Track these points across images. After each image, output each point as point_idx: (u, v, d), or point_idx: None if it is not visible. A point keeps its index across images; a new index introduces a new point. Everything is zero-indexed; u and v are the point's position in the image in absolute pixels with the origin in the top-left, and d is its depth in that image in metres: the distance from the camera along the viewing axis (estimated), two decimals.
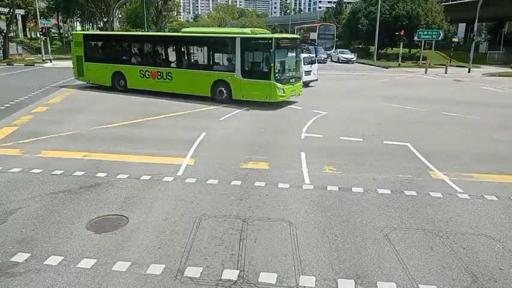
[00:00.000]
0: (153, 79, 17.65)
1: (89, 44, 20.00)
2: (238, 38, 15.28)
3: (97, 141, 10.52)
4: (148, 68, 17.84)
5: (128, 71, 18.49)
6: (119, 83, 18.87)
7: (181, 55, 17.50)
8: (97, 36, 22.07)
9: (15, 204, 6.71)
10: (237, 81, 15.57)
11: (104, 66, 19.15)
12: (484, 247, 5.58)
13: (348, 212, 6.60)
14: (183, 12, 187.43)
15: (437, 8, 46.02)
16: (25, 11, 50.93)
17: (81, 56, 19.80)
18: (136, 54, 18.98)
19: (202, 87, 16.38)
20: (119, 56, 19.16)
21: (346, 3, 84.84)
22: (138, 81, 18.13)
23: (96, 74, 19.53)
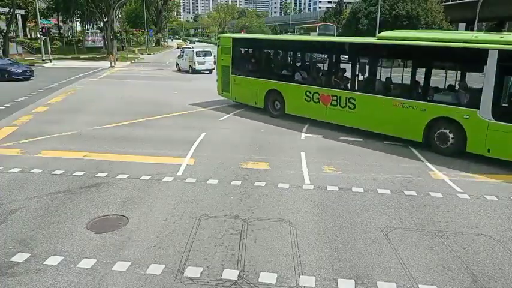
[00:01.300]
0: (324, 105, 12.23)
1: (238, 51, 15.16)
2: (495, 50, 8.81)
3: (97, 141, 10.52)
4: (318, 89, 12.38)
5: (287, 90, 13.35)
6: (274, 106, 13.93)
7: (374, 73, 11.42)
8: (251, 42, 16.05)
9: (15, 204, 6.71)
10: (479, 124, 9.14)
11: (256, 81, 14.26)
12: (484, 247, 5.58)
13: (348, 212, 6.61)
14: (183, 12, 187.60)
15: (437, 8, 45.99)
16: (25, 11, 50.95)
17: (228, 67, 15.14)
18: (302, 67, 13.85)
19: (408, 127, 10.37)
20: (277, 69, 14.28)
21: (346, 3, 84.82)
22: (301, 105, 12.88)
23: (245, 92, 14.84)
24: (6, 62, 25.30)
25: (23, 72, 23.76)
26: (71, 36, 63.04)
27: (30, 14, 53.27)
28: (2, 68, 23.53)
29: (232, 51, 14.99)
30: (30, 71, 24.40)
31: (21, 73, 23.59)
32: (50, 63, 35.44)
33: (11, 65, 24.34)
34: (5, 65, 23.94)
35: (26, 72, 24.00)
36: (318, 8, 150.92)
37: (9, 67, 23.71)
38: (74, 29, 68.99)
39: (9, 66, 23.99)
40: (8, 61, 25.67)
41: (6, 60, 26.19)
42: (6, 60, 25.80)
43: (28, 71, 24.23)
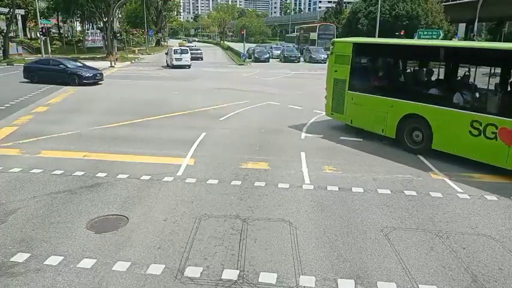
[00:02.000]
0: (506, 144, 8.13)
1: (361, 60, 11.76)
2: None
3: (97, 141, 10.52)
4: (495, 120, 8.25)
5: (437, 116, 9.34)
6: (412, 137, 9.97)
7: None
8: (381, 48, 11.69)
9: (15, 204, 6.71)
10: None
11: (385, 101, 10.39)
12: (484, 247, 5.58)
13: (348, 212, 6.61)
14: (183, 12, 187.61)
15: (437, 8, 46.06)
16: (25, 11, 50.97)
17: (344, 81, 11.49)
18: (464, 85, 9.45)
19: None
20: (422, 86, 10.30)
21: (346, 3, 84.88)
22: (460, 140, 8.93)
23: (367, 114, 10.95)
24: (77, 65, 23.18)
25: (93, 76, 22.09)
26: (71, 36, 63.01)
27: (30, 14, 53.30)
28: (72, 71, 21.80)
29: (351, 61, 11.27)
30: (100, 75, 22.58)
31: (91, 77, 21.94)
32: None
33: (81, 69, 22.56)
34: (75, 69, 22.16)
35: (96, 76, 22.27)
36: (318, 8, 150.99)
37: (80, 71, 22.06)
38: (74, 29, 68.96)
39: (79, 69, 22.28)
40: (78, 64, 23.46)
41: (77, 63, 23.74)
42: (77, 63, 23.58)
43: (98, 75, 22.41)
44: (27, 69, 22.75)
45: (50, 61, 23.30)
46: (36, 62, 23.79)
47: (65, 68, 21.88)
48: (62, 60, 23.15)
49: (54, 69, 21.94)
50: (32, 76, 22.26)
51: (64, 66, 22.02)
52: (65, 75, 21.65)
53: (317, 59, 43.13)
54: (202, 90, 20.97)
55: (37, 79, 21.96)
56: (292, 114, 14.84)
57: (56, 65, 22.29)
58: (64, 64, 22.27)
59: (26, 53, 45.59)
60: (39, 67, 22.53)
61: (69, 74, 21.59)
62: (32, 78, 22.18)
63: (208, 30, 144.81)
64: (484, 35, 63.20)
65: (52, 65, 22.27)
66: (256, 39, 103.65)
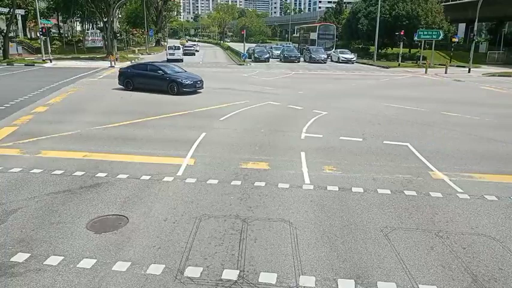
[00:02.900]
0: None
1: None
2: None
3: (97, 141, 10.52)
4: None
5: None
6: None
7: None
8: None
9: (15, 204, 6.71)
10: None
11: None
12: (484, 247, 5.58)
13: (348, 212, 6.61)
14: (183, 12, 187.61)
15: (437, 8, 46.00)
16: (25, 11, 50.95)
17: None
18: None
19: None
20: None
21: (346, 3, 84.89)
22: None
23: None
24: (175, 70, 20.33)
25: (193, 84, 19.23)
26: (71, 36, 62.98)
27: (30, 14, 53.28)
28: (172, 78, 18.97)
29: None
30: (200, 82, 19.72)
31: (191, 85, 19.11)
32: (50, 63, 35.43)
33: (181, 75, 19.66)
34: (174, 75, 19.34)
35: (196, 83, 19.41)
36: (318, 8, 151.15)
37: (179, 77, 19.15)
38: (74, 29, 68.94)
39: (178, 76, 19.35)
40: (177, 69, 20.58)
41: (176, 68, 20.75)
42: (175, 68, 20.73)
43: (198, 82, 19.61)
44: (123, 75, 20.19)
45: (147, 66, 20.58)
46: (132, 67, 21.29)
47: (163, 74, 19.18)
48: (159, 65, 20.39)
49: (153, 75, 19.34)
50: (128, 83, 19.87)
51: (162, 72, 19.33)
52: (163, 83, 19.01)
53: (317, 59, 43.15)
54: (202, 90, 20.95)
55: (133, 86, 19.69)
56: (292, 114, 14.84)
57: (154, 70, 19.67)
58: (162, 69, 19.55)
59: (26, 53, 45.63)
60: (136, 73, 20.01)
61: (167, 82, 18.87)
62: (128, 85, 19.85)
63: (208, 30, 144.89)
64: (484, 35, 63.20)
65: (150, 70, 19.73)
66: (256, 39, 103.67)
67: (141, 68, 20.77)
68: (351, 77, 30.11)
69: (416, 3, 45.32)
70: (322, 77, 29.42)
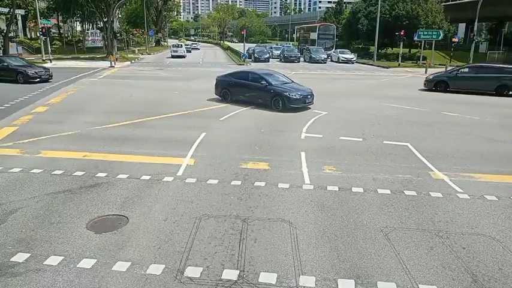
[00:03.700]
0: None
1: None
2: None
3: (97, 141, 10.52)
4: None
5: None
6: None
7: None
8: None
9: (15, 204, 6.71)
10: None
11: None
12: (484, 247, 5.58)
13: (348, 212, 6.60)
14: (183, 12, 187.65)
15: (437, 8, 46.03)
16: (25, 11, 50.94)
17: None
18: None
19: None
20: None
21: (346, 3, 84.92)
22: None
23: None
24: (283, 80, 16.45)
25: (302, 99, 15.31)
26: (71, 36, 63.01)
27: (30, 14, 53.29)
28: (277, 91, 15.34)
29: None
30: (311, 96, 15.85)
31: (300, 99, 15.24)
32: (50, 63, 35.42)
33: (289, 88, 15.70)
34: (281, 87, 15.61)
35: (306, 98, 15.48)
36: (318, 8, 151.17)
37: (287, 90, 15.32)
38: (74, 29, 68.94)
39: (286, 88, 15.49)
40: (284, 79, 16.67)
41: (282, 78, 16.77)
42: (282, 79, 16.65)
43: (309, 96, 15.68)
44: (221, 85, 17.30)
45: (248, 74, 16.90)
46: (231, 75, 17.72)
47: (267, 86, 15.64)
48: (263, 74, 16.56)
49: (254, 86, 16.04)
50: (225, 94, 16.98)
51: (266, 82, 15.80)
52: (266, 96, 15.53)
53: (317, 59, 43.17)
54: (202, 90, 20.94)
55: (231, 97, 16.78)
56: (292, 114, 14.83)
57: (256, 80, 16.18)
58: (266, 79, 15.93)
59: (26, 53, 45.63)
60: (235, 82, 16.84)
61: (271, 95, 15.38)
62: (225, 97, 16.97)
63: (208, 30, 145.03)
64: (484, 35, 63.21)
65: (251, 80, 16.33)
66: (257, 39, 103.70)
67: (241, 76, 17.19)
68: (351, 77, 30.11)
69: (416, 3, 45.35)
70: (322, 77, 29.41)
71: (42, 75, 22.68)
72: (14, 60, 24.01)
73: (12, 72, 22.30)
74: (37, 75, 22.41)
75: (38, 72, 22.63)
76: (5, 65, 22.55)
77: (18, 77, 22.09)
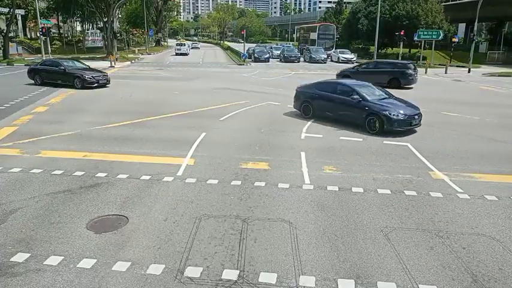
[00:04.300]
0: None
1: None
2: None
3: (97, 141, 10.52)
4: None
5: None
6: None
7: None
8: None
9: (15, 204, 6.71)
10: None
11: None
12: (484, 247, 5.58)
13: (348, 212, 6.60)
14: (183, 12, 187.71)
15: (437, 8, 46.03)
16: (25, 11, 50.96)
17: None
18: None
19: None
20: None
21: (346, 3, 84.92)
22: None
23: None
24: (379, 96, 12.86)
25: (408, 120, 11.89)
26: (71, 36, 63.01)
27: (30, 14, 53.30)
28: (375, 109, 11.80)
29: None
30: (418, 116, 12.24)
31: (405, 121, 11.84)
32: None
33: (389, 103, 12.26)
34: (379, 104, 12.08)
35: (412, 119, 12.02)
36: (318, 8, 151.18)
37: (387, 108, 11.77)
38: (74, 29, 68.94)
39: (386, 106, 11.92)
40: (381, 94, 13.03)
41: (377, 91, 13.20)
42: (377, 92, 13.12)
43: (416, 116, 12.13)
44: (301, 96, 14.11)
45: (336, 86, 13.33)
46: (315, 86, 14.02)
47: (360, 101, 12.05)
48: (353, 86, 12.89)
49: (343, 101, 12.58)
50: (306, 108, 13.86)
51: (359, 97, 12.17)
52: (359, 114, 12.04)
53: (317, 59, 43.15)
54: (202, 90, 20.97)
55: (313, 112, 13.68)
56: (292, 114, 14.83)
57: (345, 93, 12.65)
58: (359, 93, 12.31)
59: (26, 53, 45.64)
60: (319, 95, 13.47)
61: (366, 113, 11.84)
62: (306, 111, 13.85)
63: (208, 30, 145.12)
64: (484, 35, 63.21)
65: (340, 93, 12.86)
66: (257, 39, 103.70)
67: (327, 88, 13.62)
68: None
69: (416, 3, 45.34)
70: (323, 77, 29.38)
71: (100, 79, 21.09)
72: (72, 63, 22.59)
73: (70, 77, 20.87)
74: (94, 80, 20.78)
75: (96, 77, 20.96)
76: (61, 69, 21.18)
77: (75, 81, 20.62)
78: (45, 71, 21.73)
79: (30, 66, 22.91)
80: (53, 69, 21.49)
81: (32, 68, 22.50)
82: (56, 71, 21.30)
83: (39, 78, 21.65)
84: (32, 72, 22.14)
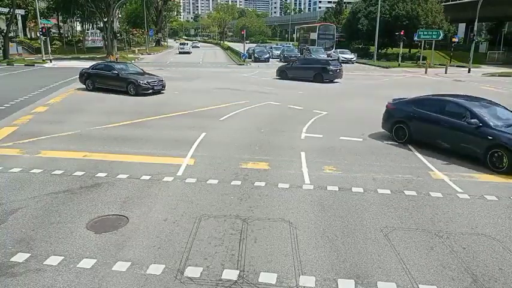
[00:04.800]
0: None
1: None
2: None
3: (97, 141, 10.52)
4: None
5: None
6: None
7: None
8: None
9: (15, 204, 6.71)
10: None
11: None
12: (484, 247, 5.58)
13: (348, 212, 6.60)
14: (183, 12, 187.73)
15: (437, 8, 46.02)
16: (25, 11, 50.98)
17: None
18: None
19: None
20: None
21: (346, 3, 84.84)
22: None
23: None
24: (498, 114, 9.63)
25: None
26: (71, 36, 63.03)
27: (30, 14, 53.30)
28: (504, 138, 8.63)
29: None
30: None
31: None
32: (50, 63, 35.45)
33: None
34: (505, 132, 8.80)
35: None
36: (318, 8, 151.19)
37: None
38: (74, 29, 68.95)
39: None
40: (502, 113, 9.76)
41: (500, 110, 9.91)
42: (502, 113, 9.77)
43: None
44: (395, 115, 11.18)
45: (444, 104, 10.15)
46: (413, 102, 10.96)
47: (479, 128, 9.04)
48: (469, 105, 9.71)
49: (454, 125, 9.58)
50: (399, 130, 10.90)
51: (478, 121, 9.13)
52: (480, 144, 9.02)
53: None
54: (202, 90, 20.96)
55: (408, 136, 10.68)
56: (292, 114, 14.84)
57: (456, 115, 9.65)
58: (477, 115, 9.25)
59: (26, 53, 45.65)
60: (419, 115, 10.46)
61: (489, 144, 8.86)
62: (399, 135, 10.90)
63: (208, 30, 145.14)
64: (484, 35, 63.21)
65: (448, 114, 9.85)
66: (257, 39, 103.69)
67: (430, 106, 10.43)
68: (351, 77, 30.07)
69: (416, 3, 45.33)
70: None
71: (155, 85, 18.76)
72: (125, 67, 20.21)
73: (123, 82, 18.66)
74: (149, 86, 18.44)
75: (151, 83, 18.59)
76: (114, 73, 18.93)
77: (129, 87, 18.37)
78: (97, 75, 19.66)
79: (82, 70, 20.52)
80: (105, 73, 19.38)
81: (84, 72, 20.21)
82: (108, 75, 19.20)
83: (91, 83, 19.70)
84: (83, 76, 20.10)
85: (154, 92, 18.72)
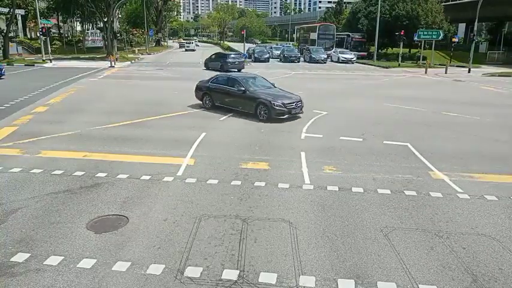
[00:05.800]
0: None
1: None
2: None
3: (97, 141, 10.52)
4: None
5: None
6: None
7: None
8: None
9: (15, 204, 6.71)
10: None
11: None
12: (484, 247, 5.58)
13: (348, 212, 6.61)
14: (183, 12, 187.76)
15: (437, 8, 46.00)
16: (25, 11, 50.96)
17: None
18: None
19: None
20: None
21: (346, 3, 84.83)
22: None
23: None
24: None
25: None
26: (71, 36, 63.02)
27: (30, 14, 53.28)
28: None
29: None
30: None
31: None
32: (50, 63, 35.43)
33: None
34: None
35: None
36: (318, 8, 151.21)
37: None
38: (74, 29, 68.94)
39: None
40: None
41: None
42: None
43: None
44: None
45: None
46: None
47: None
48: None
49: None
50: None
51: None
52: None
53: (317, 59, 43.10)
54: None
55: None
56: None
57: None
58: None
59: (26, 53, 45.64)
60: None
61: None
62: None
63: (208, 30, 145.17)
64: (484, 35, 63.21)
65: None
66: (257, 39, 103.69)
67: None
68: (351, 77, 30.09)
69: (416, 3, 45.30)
70: (322, 77, 29.40)
71: (292, 108, 13.48)
72: (252, 80, 14.94)
73: (251, 102, 13.76)
74: (285, 110, 13.26)
75: (287, 105, 13.30)
76: (241, 90, 13.98)
77: (259, 109, 13.45)
78: (217, 90, 15.03)
79: (200, 82, 16.29)
80: (227, 89, 14.60)
81: (202, 86, 15.86)
82: (231, 92, 14.42)
83: (210, 100, 15.29)
84: (200, 90, 15.79)
85: (291, 116, 13.62)
